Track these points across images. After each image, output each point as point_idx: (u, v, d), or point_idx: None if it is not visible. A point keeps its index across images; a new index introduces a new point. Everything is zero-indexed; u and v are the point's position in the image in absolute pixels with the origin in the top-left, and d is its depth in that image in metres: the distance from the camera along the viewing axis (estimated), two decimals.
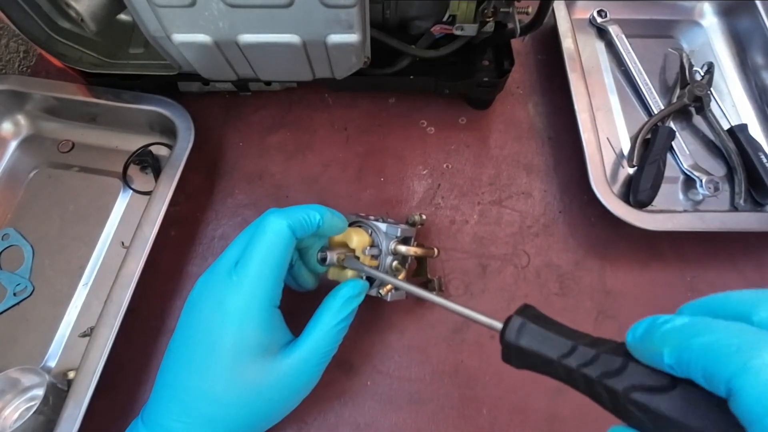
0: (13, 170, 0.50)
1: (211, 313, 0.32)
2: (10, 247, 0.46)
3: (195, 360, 0.32)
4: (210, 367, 0.31)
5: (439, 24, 0.44)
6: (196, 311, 0.33)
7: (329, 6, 0.35)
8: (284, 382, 0.32)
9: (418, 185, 0.50)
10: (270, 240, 0.33)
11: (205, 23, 0.37)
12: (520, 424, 0.40)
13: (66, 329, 0.43)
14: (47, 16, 0.46)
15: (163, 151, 0.50)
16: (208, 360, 0.31)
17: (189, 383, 0.31)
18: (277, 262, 0.33)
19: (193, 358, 0.32)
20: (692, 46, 0.58)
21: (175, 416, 0.31)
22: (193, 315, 0.33)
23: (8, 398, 0.39)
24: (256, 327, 0.32)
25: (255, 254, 0.33)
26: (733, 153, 0.49)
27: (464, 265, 0.46)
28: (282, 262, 0.33)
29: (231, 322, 0.31)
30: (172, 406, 0.31)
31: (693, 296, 0.46)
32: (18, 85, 0.49)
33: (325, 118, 0.53)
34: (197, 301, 0.34)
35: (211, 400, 0.31)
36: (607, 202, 0.44)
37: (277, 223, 0.33)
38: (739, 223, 0.45)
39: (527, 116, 0.54)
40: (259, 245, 0.33)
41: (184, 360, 0.32)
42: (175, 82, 0.51)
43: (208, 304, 0.33)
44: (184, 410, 0.31)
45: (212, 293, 0.33)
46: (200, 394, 0.31)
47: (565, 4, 0.55)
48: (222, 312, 0.32)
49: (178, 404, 0.31)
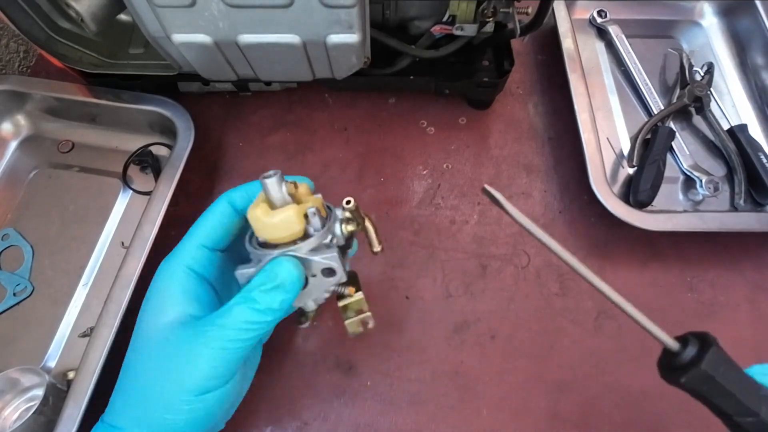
0: (13, 170, 0.50)
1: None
2: (10, 247, 0.46)
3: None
4: (135, 340, 0.31)
5: (439, 24, 0.44)
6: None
7: (329, 6, 0.35)
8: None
9: (418, 185, 0.50)
10: (204, 215, 0.33)
11: (205, 23, 0.37)
12: (520, 424, 0.40)
13: (66, 329, 0.43)
14: (47, 16, 0.46)
15: (163, 151, 0.50)
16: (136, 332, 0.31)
17: (126, 365, 0.31)
18: (200, 228, 0.32)
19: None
20: (692, 46, 0.58)
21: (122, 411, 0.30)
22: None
23: (8, 398, 0.39)
24: (173, 293, 0.30)
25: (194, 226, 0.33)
26: (733, 153, 0.49)
27: (464, 265, 0.46)
28: (206, 230, 0.32)
29: (153, 287, 0.31)
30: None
31: (693, 296, 0.46)
32: (18, 85, 0.49)
33: (325, 118, 0.53)
34: None
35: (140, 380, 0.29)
36: (607, 202, 0.44)
37: (220, 199, 0.33)
38: (739, 223, 0.45)
39: (527, 116, 0.54)
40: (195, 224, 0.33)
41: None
42: (175, 82, 0.51)
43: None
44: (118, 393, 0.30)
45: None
46: (131, 371, 0.30)
47: (565, 4, 0.55)
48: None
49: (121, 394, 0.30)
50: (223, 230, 0.33)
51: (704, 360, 0.25)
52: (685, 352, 0.26)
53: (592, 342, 0.43)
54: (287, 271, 0.29)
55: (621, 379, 0.42)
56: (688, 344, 0.26)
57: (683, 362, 0.25)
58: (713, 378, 0.25)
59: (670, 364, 0.26)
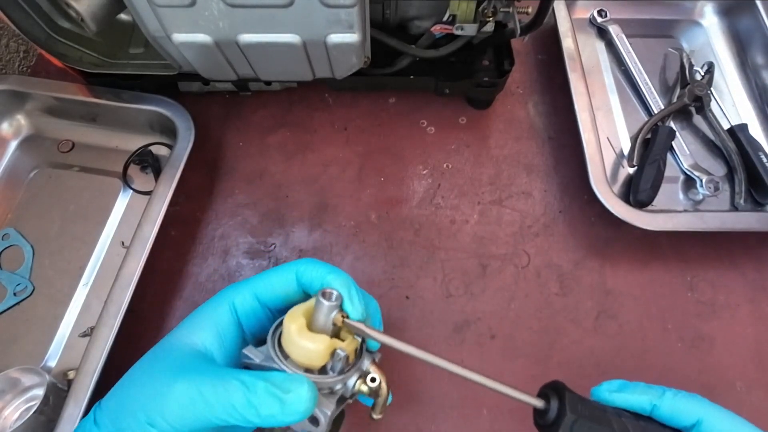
0: (13, 170, 0.50)
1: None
2: (10, 247, 0.46)
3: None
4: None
5: (439, 24, 0.44)
6: None
7: (329, 6, 0.35)
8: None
9: (418, 185, 0.50)
10: (272, 271, 0.32)
11: (205, 23, 0.37)
12: (520, 424, 0.40)
13: (66, 329, 0.43)
14: (47, 16, 0.46)
15: (163, 151, 0.50)
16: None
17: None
18: (262, 282, 0.32)
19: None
20: (692, 46, 0.58)
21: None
22: None
23: (8, 398, 0.39)
24: (209, 320, 0.30)
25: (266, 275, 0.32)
26: (733, 153, 0.49)
27: (464, 265, 0.46)
28: (267, 286, 0.32)
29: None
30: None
31: (693, 296, 0.46)
32: (18, 85, 0.49)
33: (325, 118, 0.53)
34: None
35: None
36: (607, 201, 0.44)
37: (291, 267, 0.32)
38: (739, 223, 0.45)
39: (527, 116, 0.54)
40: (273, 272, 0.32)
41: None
42: (175, 82, 0.51)
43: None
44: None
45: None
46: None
47: (565, 4, 0.55)
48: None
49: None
50: (280, 295, 0.32)
51: (566, 405, 0.27)
52: (550, 407, 0.28)
53: (592, 342, 0.43)
54: (302, 398, 0.26)
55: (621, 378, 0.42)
56: (550, 398, 0.28)
57: (553, 417, 0.28)
58: (578, 419, 0.27)
59: (546, 423, 0.28)
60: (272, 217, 0.48)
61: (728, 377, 0.42)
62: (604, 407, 0.29)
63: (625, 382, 0.31)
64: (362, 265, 0.46)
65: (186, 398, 0.26)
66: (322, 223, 0.48)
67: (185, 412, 0.26)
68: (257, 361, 0.28)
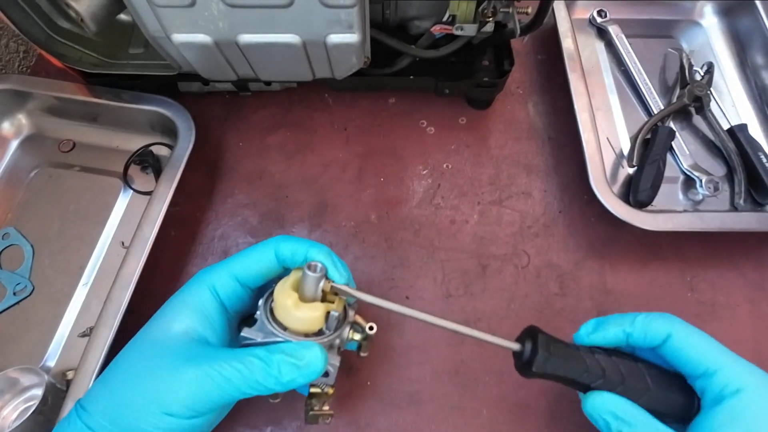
0: (13, 170, 0.50)
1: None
2: (10, 247, 0.46)
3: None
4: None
5: (439, 24, 0.44)
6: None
7: (329, 6, 0.35)
8: None
9: (418, 185, 0.50)
10: (248, 251, 0.33)
11: (205, 23, 0.37)
12: (520, 424, 0.40)
13: (65, 329, 0.43)
14: (47, 16, 0.46)
15: (163, 151, 0.50)
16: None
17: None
18: (239, 262, 0.33)
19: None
20: (692, 46, 0.58)
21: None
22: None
23: (7, 398, 0.39)
24: (191, 307, 0.31)
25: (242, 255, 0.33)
26: (732, 153, 0.49)
27: (464, 265, 0.46)
28: (244, 266, 0.33)
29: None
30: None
31: (693, 296, 0.46)
32: (19, 84, 0.49)
33: (325, 118, 0.53)
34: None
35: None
36: (607, 202, 0.44)
37: (271, 243, 0.33)
38: (739, 223, 0.45)
39: (527, 116, 0.54)
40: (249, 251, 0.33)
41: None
42: (175, 82, 0.51)
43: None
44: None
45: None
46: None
47: (565, 4, 0.55)
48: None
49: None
50: (259, 273, 0.33)
51: (538, 345, 0.30)
52: (525, 348, 0.30)
53: None
54: (317, 361, 0.29)
55: None
56: (525, 341, 0.31)
57: (527, 357, 0.30)
58: (550, 357, 0.30)
59: (522, 363, 0.31)
60: (272, 217, 0.48)
61: None
62: (577, 346, 0.31)
63: (599, 320, 0.33)
64: (362, 265, 0.46)
65: (202, 381, 0.28)
66: (322, 223, 0.48)
67: (202, 395, 0.28)
68: (258, 340, 0.30)
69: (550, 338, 0.31)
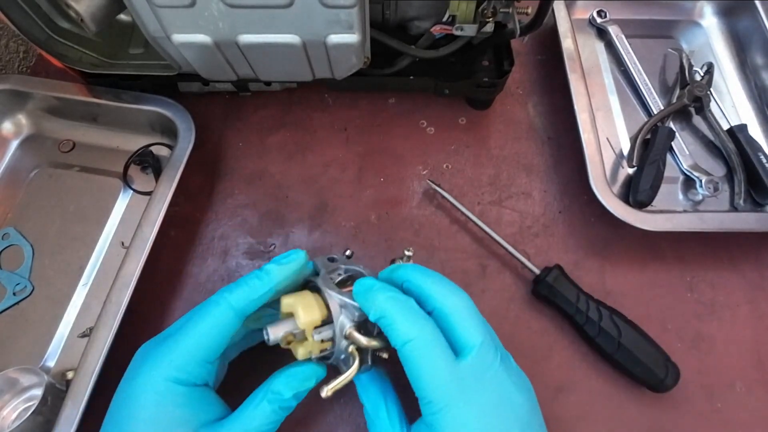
0: (13, 170, 0.50)
1: (133, 385, 0.30)
2: (10, 247, 0.46)
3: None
4: None
5: (439, 24, 0.44)
6: (126, 377, 0.32)
7: (329, 6, 0.35)
8: None
9: (418, 185, 0.50)
10: (199, 318, 0.32)
11: (204, 23, 0.37)
12: None
13: (65, 329, 0.43)
14: (47, 17, 0.46)
15: (163, 152, 0.50)
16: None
17: None
18: (193, 336, 0.31)
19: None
20: (692, 46, 0.58)
21: None
22: (123, 383, 0.32)
23: (7, 398, 0.39)
24: (169, 404, 0.29)
25: (185, 332, 0.31)
26: (732, 153, 0.49)
27: (464, 265, 0.46)
28: (212, 343, 0.31)
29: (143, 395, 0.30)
30: None
31: (693, 296, 0.46)
32: (19, 84, 0.49)
33: (325, 118, 0.53)
34: (131, 367, 0.32)
35: None
36: (607, 202, 0.44)
37: (221, 302, 0.32)
38: (738, 223, 0.45)
39: (527, 116, 0.54)
40: (194, 324, 0.31)
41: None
42: (175, 82, 0.51)
43: (134, 373, 0.31)
44: None
45: (142, 361, 0.32)
46: None
47: (565, 4, 0.55)
48: (139, 384, 0.30)
49: None
50: (220, 339, 0.31)
51: (549, 276, 0.42)
52: (543, 275, 0.43)
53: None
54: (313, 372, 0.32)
55: (621, 379, 0.42)
56: (549, 271, 0.43)
57: (540, 280, 0.43)
58: (553, 287, 0.42)
59: (536, 284, 0.43)
60: (272, 217, 0.48)
61: (728, 377, 0.42)
62: (579, 289, 0.43)
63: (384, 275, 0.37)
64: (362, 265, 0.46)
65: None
66: (321, 223, 0.48)
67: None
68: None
69: (566, 275, 0.43)
